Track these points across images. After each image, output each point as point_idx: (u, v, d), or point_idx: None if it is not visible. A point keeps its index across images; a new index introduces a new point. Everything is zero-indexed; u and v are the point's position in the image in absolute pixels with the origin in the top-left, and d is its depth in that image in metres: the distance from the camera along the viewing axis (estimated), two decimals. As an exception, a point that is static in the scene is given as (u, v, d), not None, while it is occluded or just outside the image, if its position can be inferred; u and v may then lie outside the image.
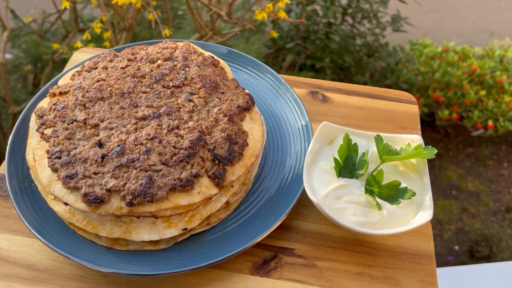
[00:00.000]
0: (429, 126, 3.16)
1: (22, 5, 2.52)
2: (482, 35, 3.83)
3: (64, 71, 1.05)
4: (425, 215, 0.78)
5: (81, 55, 1.16)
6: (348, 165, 0.85)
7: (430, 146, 0.85)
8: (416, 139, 0.87)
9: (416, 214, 0.80)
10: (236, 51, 1.09)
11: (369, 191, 0.81)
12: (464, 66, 3.09)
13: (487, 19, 3.99)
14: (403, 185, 0.82)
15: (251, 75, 1.07)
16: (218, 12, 1.56)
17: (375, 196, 0.80)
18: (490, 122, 2.97)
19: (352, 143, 0.86)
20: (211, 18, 1.70)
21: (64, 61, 2.36)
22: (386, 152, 0.84)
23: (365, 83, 2.92)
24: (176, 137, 0.81)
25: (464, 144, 3.06)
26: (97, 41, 2.15)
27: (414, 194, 0.80)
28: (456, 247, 2.50)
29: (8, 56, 2.65)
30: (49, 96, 0.90)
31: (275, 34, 1.75)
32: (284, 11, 1.50)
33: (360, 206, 0.79)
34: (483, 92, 3.00)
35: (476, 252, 2.46)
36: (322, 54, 2.85)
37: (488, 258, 2.44)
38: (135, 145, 0.79)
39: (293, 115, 1.00)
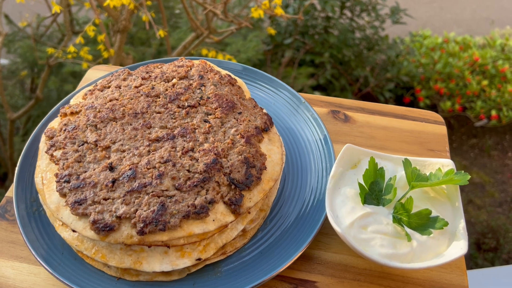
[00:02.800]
0: None
1: (16, 9, 2.52)
2: (483, 24, 3.73)
3: (76, 89, 1.02)
4: (459, 247, 0.72)
5: (95, 73, 1.13)
6: (374, 191, 0.79)
7: (463, 172, 0.78)
8: (447, 163, 0.81)
9: (449, 245, 0.74)
10: (252, 68, 1.05)
11: (397, 220, 0.75)
12: (465, 56, 3.01)
13: (487, 7, 3.90)
14: (434, 213, 0.76)
15: (268, 93, 1.03)
16: (213, 10, 1.52)
17: (404, 226, 0.74)
18: (493, 112, 2.88)
19: (378, 167, 0.81)
20: (206, 17, 1.66)
21: (60, 65, 2.33)
22: (415, 178, 0.78)
23: (365, 77, 2.86)
24: (191, 160, 0.76)
25: (468, 135, 2.98)
26: (94, 43, 2.12)
27: (446, 224, 0.74)
28: None
29: (4, 61, 2.64)
30: (60, 116, 0.86)
31: (272, 31, 1.70)
32: (281, 7, 1.46)
33: (388, 237, 0.73)
34: (485, 82, 2.92)
35: (483, 244, 2.38)
36: (321, 49, 2.80)
37: (495, 249, 2.35)
38: (148, 169, 0.74)
39: (314, 135, 0.94)
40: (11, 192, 0.88)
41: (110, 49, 1.58)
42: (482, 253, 2.35)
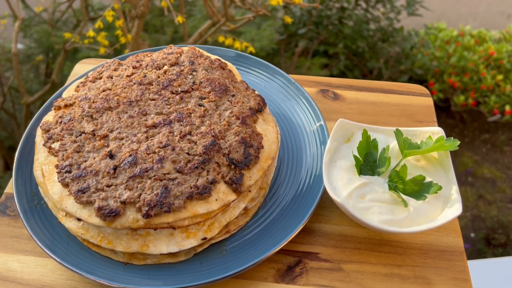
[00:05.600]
0: (444, 112, 3.09)
1: (33, -6, 2.52)
2: (498, 17, 3.73)
3: (67, 83, 1.02)
4: (453, 209, 0.75)
5: (83, 67, 1.13)
6: (369, 162, 0.82)
7: (452, 138, 0.81)
8: (437, 131, 0.84)
9: (443, 209, 0.77)
10: (244, 53, 1.06)
11: (393, 187, 0.78)
12: (481, 50, 3.00)
13: (503, 1, 3.90)
14: (427, 179, 0.79)
15: (259, 77, 1.04)
16: None
17: (400, 193, 0.77)
18: (507, 107, 2.88)
19: (371, 138, 0.83)
20: (223, 4, 1.65)
21: (76, 51, 2.33)
22: (407, 146, 0.81)
23: (379, 69, 2.86)
24: (189, 143, 0.78)
25: (480, 130, 3.00)
26: (108, 29, 2.11)
27: (440, 188, 0.77)
28: (472, 235, 2.46)
29: (20, 46, 2.63)
30: (54, 109, 0.87)
31: (289, 20, 1.69)
32: None
33: (386, 204, 0.76)
34: (500, 77, 2.92)
35: (493, 239, 2.42)
36: (336, 39, 2.79)
37: (505, 245, 2.39)
38: (148, 154, 0.76)
39: (306, 114, 0.96)
40: (9, 188, 0.88)
41: (128, 35, 1.56)
42: (491, 248, 2.39)
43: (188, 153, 0.76)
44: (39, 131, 0.84)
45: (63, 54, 2.05)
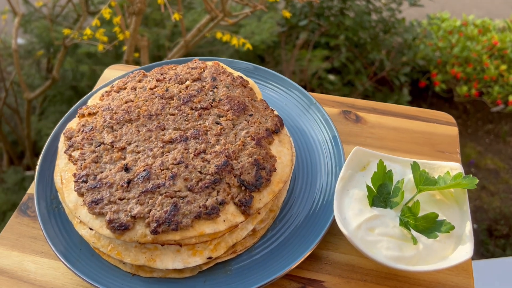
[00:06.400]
0: (447, 102, 3.08)
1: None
2: (503, 6, 3.65)
3: (94, 89, 1.05)
4: (464, 250, 0.73)
5: (112, 72, 1.16)
6: (382, 193, 0.80)
7: (471, 175, 0.79)
8: (455, 167, 0.82)
9: (455, 249, 0.75)
10: (263, 68, 1.07)
11: (404, 223, 0.76)
12: (484, 40, 2.95)
13: None
14: (440, 216, 0.77)
15: (279, 93, 1.05)
16: None
17: (411, 229, 0.76)
18: (510, 98, 2.83)
19: (387, 169, 0.82)
20: None
21: (76, 46, 2.35)
22: (423, 181, 0.79)
23: (381, 61, 2.82)
24: (203, 161, 0.79)
25: (484, 121, 2.96)
26: (108, 25, 2.12)
27: (452, 227, 0.75)
28: (475, 226, 2.43)
29: (21, 41, 2.67)
30: (78, 116, 0.90)
31: (287, 14, 1.68)
32: None
33: (394, 239, 0.75)
34: (503, 67, 2.86)
35: (495, 230, 2.38)
36: (337, 31, 2.77)
37: (507, 236, 2.36)
38: (161, 170, 0.77)
39: (324, 136, 0.96)
40: (32, 189, 0.92)
41: (126, 31, 1.59)
42: (493, 239, 2.36)
43: (200, 172, 0.77)
44: (62, 137, 0.87)
45: (63, 50, 2.06)
